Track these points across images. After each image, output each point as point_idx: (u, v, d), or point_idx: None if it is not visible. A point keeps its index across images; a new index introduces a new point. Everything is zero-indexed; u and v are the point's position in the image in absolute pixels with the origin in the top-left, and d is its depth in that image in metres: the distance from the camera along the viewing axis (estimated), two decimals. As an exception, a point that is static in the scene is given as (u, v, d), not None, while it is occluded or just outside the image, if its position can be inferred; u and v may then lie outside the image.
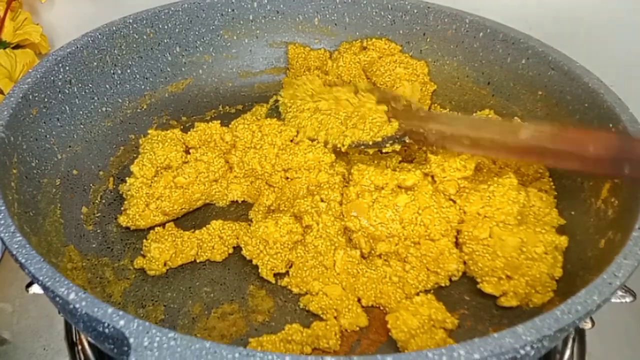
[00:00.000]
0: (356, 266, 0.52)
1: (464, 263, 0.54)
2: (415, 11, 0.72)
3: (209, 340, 0.47)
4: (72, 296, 0.35)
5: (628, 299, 0.55)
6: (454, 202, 0.55)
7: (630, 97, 0.56)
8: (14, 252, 0.39)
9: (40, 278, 0.37)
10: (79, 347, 0.55)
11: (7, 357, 0.55)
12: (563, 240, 0.51)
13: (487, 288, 0.52)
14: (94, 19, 0.67)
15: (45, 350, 0.55)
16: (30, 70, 0.56)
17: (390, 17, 0.74)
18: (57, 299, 0.36)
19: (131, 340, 0.33)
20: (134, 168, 0.58)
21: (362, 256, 0.54)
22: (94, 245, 0.56)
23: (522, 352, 0.34)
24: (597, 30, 0.75)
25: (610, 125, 0.53)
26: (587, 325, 0.55)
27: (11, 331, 0.56)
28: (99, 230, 0.57)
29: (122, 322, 0.34)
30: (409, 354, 0.32)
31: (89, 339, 0.53)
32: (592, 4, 0.74)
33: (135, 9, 0.68)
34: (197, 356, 0.32)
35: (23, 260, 0.38)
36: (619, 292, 0.55)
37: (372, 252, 0.54)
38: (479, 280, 0.52)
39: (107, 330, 0.34)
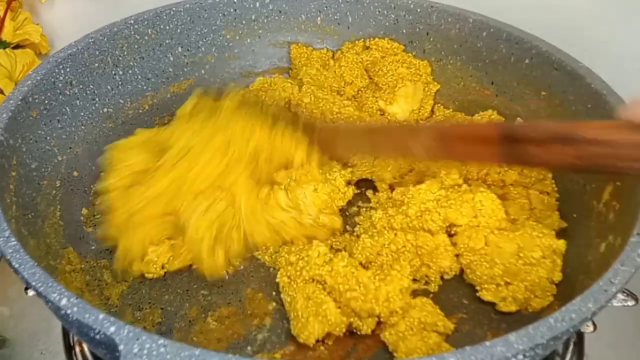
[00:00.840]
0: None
1: (462, 271, 0.54)
2: (419, 10, 0.72)
3: (205, 343, 0.48)
4: (64, 302, 0.36)
5: (630, 303, 0.54)
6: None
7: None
8: (8, 257, 0.39)
9: (33, 283, 0.37)
10: (77, 350, 0.55)
11: (5, 360, 0.55)
12: (561, 244, 0.51)
13: (487, 296, 0.51)
14: (94, 19, 0.67)
15: (42, 354, 0.55)
16: (30, 73, 0.57)
17: (393, 16, 0.73)
18: (50, 304, 0.36)
19: (121, 347, 0.33)
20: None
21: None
22: (92, 247, 0.56)
23: (514, 360, 0.34)
24: (598, 28, 0.74)
25: (613, 127, 0.53)
26: (588, 329, 0.55)
27: (9, 334, 0.57)
28: (98, 232, 0.58)
29: (112, 329, 0.34)
30: (399, 362, 0.32)
31: (86, 344, 0.53)
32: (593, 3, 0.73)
33: (136, 9, 0.68)
34: (185, 363, 0.32)
35: (17, 265, 0.38)
36: (621, 296, 0.54)
37: None
38: (478, 288, 0.52)
39: (98, 337, 0.34)
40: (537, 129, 0.46)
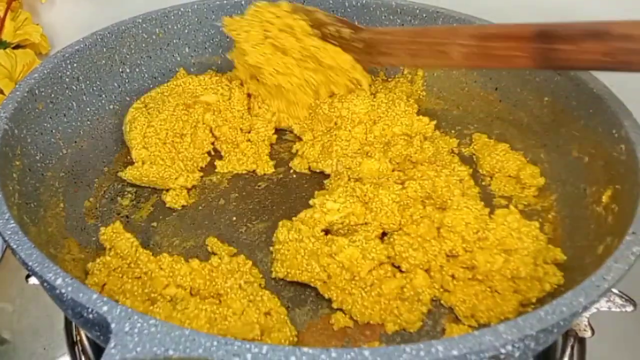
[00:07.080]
0: None
1: None
2: (424, 15, 0.72)
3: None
4: (59, 281, 0.36)
5: (629, 308, 0.54)
6: None
7: (631, 98, 0.55)
8: (7, 239, 0.40)
9: (30, 264, 0.38)
10: (79, 346, 0.55)
11: (7, 356, 0.55)
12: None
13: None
14: (94, 19, 0.68)
15: (45, 350, 0.55)
16: (37, 66, 0.58)
17: (399, 21, 0.74)
18: (45, 284, 0.37)
19: (112, 325, 0.33)
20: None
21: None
22: (93, 239, 0.56)
23: (503, 351, 0.33)
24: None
25: (614, 131, 0.53)
26: (586, 333, 0.54)
27: (11, 331, 0.57)
28: (100, 224, 0.58)
29: (105, 308, 0.34)
30: (387, 348, 0.32)
31: (80, 328, 0.53)
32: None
33: (136, 9, 0.69)
34: (175, 342, 0.32)
35: (15, 246, 0.39)
36: (619, 301, 0.54)
37: None
38: None
39: (91, 316, 0.35)
40: (569, 26, 0.50)
